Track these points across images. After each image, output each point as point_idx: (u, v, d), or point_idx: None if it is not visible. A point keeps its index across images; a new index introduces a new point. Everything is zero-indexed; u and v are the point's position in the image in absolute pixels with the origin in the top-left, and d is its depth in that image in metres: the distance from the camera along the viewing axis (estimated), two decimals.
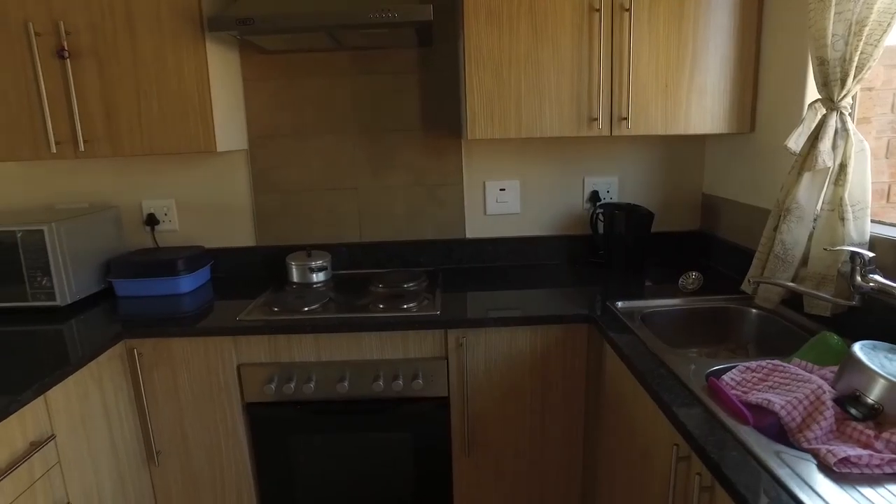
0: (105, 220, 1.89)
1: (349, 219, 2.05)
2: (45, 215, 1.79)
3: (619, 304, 1.54)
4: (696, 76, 1.64)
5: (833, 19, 1.22)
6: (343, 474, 1.63)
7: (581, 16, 1.60)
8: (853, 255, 1.19)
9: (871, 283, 1.17)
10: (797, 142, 1.34)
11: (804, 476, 0.79)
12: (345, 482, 1.63)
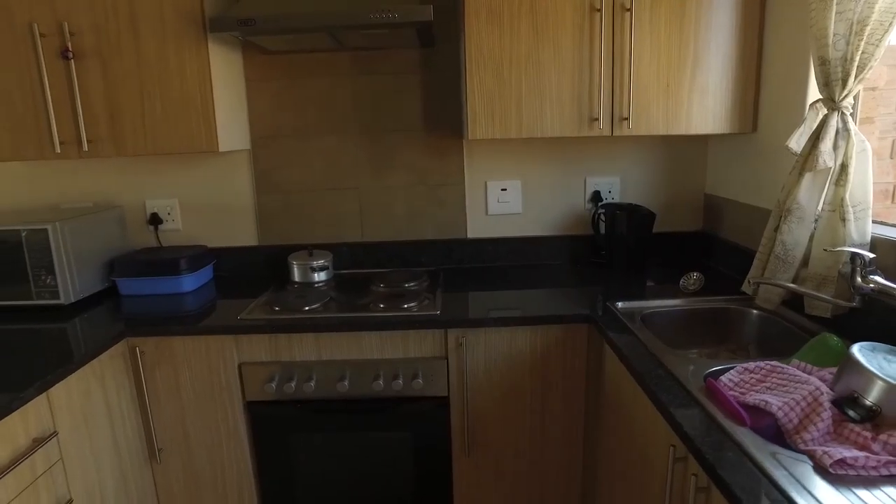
0: (109, 219, 1.91)
1: (351, 219, 2.05)
2: (50, 215, 1.80)
3: (620, 304, 1.54)
4: (698, 76, 1.64)
5: (834, 19, 1.21)
6: (343, 473, 1.63)
7: (582, 16, 1.60)
8: (853, 255, 1.18)
9: (872, 285, 1.16)
10: (798, 142, 1.34)
11: (799, 477, 0.79)
12: (345, 481, 1.64)
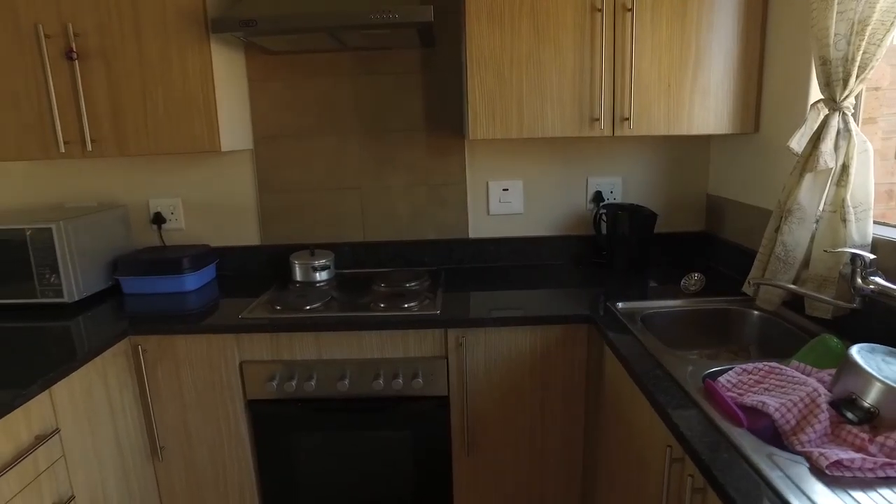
0: (113, 218, 1.92)
1: (352, 218, 2.06)
2: (54, 214, 1.82)
3: (620, 304, 1.54)
4: (700, 76, 1.63)
5: (835, 19, 1.21)
6: (344, 472, 1.64)
7: (583, 16, 1.60)
8: (854, 257, 1.18)
9: (872, 286, 1.15)
10: (799, 142, 1.33)
11: (795, 479, 0.79)
12: (345, 480, 1.64)
